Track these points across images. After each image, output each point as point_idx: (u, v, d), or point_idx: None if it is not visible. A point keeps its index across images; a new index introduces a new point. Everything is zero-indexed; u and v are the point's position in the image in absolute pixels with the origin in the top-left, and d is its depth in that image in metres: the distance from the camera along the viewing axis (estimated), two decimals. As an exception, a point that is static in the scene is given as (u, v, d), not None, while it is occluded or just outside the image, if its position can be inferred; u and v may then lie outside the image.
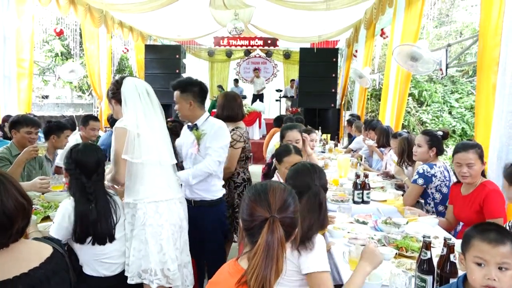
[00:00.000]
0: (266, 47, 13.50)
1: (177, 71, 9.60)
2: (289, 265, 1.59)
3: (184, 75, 10.20)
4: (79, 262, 2.19)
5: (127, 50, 10.20)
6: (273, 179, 2.89)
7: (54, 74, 8.39)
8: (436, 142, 3.27)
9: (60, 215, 2.11)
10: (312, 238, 1.64)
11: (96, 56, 8.22)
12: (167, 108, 9.78)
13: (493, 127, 2.87)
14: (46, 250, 1.34)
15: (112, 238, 2.18)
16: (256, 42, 12.21)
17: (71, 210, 2.10)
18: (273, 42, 12.21)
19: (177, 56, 9.66)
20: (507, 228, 2.22)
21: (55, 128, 3.78)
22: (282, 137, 3.51)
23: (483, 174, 2.68)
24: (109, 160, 4.77)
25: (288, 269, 1.55)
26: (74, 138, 4.48)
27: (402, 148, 3.83)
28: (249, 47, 13.68)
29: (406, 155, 3.79)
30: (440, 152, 3.29)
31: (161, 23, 9.18)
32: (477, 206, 2.57)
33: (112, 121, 5.34)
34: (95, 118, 4.70)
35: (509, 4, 2.70)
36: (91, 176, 2.14)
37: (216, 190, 2.88)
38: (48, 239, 1.45)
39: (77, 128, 5.17)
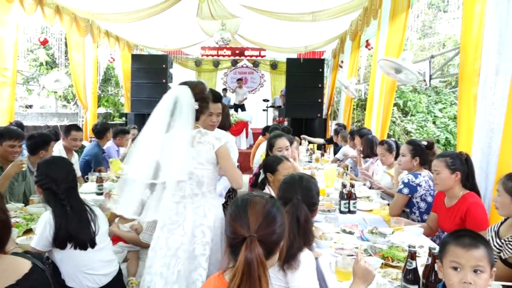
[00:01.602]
0: (253, 57, 13.62)
1: (164, 80, 9.57)
2: (278, 284, 1.58)
3: (171, 85, 10.18)
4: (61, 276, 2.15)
5: (113, 60, 10.14)
6: (265, 191, 2.91)
7: (39, 83, 8.28)
8: (419, 151, 3.33)
9: (41, 226, 2.12)
10: (297, 256, 1.61)
11: (81, 65, 8.14)
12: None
13: (474, 137, 2.92)
14: (24, 266, 1.30)
15: (93, 244, 2.18)
16: (242, 52, 12.28)
17: (50, 218, 2.11)
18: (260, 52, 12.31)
19: (164, 65, 9.64)
20: (491, 235, 2.26)
21: (41, 143, 3.71)
22: (270, 146, 3.53)
23: (467, 187, 2.69)
24: (94, 171, 4.71)
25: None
26: (58, 148, 4.42)
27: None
28: (236, 57, 13.76)
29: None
30: (424, 161, 3.34)
31: (148, 33, 9.16)
32: (458, 220, 2.60)
33: (97, 131, 5.29)
34: (78, 128, 4.62)
35: (489, 18, 2.78)
36: (60, 184, 2.19)
37: None
38: (28, 254, 1.42)
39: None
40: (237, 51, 13.04)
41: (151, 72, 9.55)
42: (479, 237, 1.51)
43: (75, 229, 2.13)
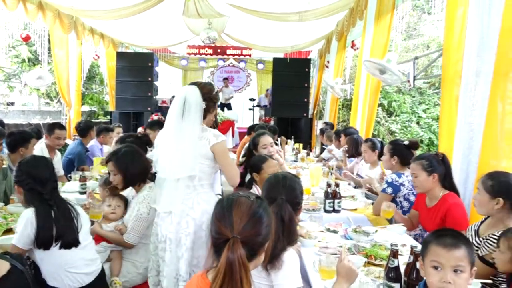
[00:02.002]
0: (240, 56, 13.59)
1: (149, 79, 9.50)
2: (262, 283, 1.58)
3: (157, 83, 10.11)
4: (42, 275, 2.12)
5: (98, 57, 10.02)
6: (251, 191, 2.92)
7: (21, 80, 8.12)
8: (398, 151, 3.38)
9: (22, 224, 2.08)
10: (281, 255, 1.62)
11: (65, 62, 8.02)
12: (139, 116, 9.66)
13: (455, 138, 2.97)
14: (2, 267, 1.28)
15: (77, 243, 2.17)
16: (229, 51, 12.25)
17: (32, 217, 2.07)
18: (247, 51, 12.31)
19: (149, 64, 9.57)
20: (471, 234, 2.31)
21: (21, 140, 3.65)
22: (255, 144, 3.54)
23: (446, 186, 2.73)
24: (77, 169, 4.65)
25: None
26: (40, 147, 4.34)
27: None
28: (223, 56, 13.72)
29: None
30: (404, 161, 3.38)
31: (133, 30, 9.08)
32: (439, 220, 2.64)
33: (80, 129, 5.22)
34: (61, 127, 4.54)
35: (471, 21, 2.84)
36: (45, 185, 2.15)
37: None
38: (7, 255, 1.39)
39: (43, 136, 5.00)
40: (223, 50, 13.01)
41: (136, 70, 9.47)
42: (461, 236, 1.54)
43: (62, 229, 2.11)
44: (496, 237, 2.01)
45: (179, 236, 2.26)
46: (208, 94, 2.39)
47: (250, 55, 13.31)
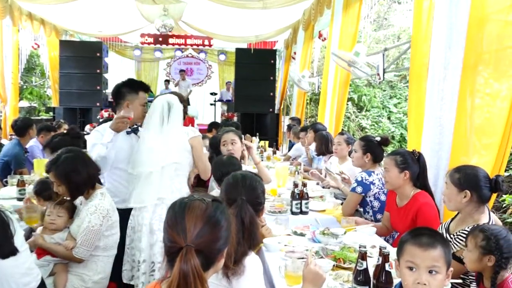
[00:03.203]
0: (199, 47, 13.48)
1: (98, 71, 9.28)
2: None
3: (106, 76, 9.86)
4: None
5: (38, 46, 9.66)
6: (213, 192, 2.91)
7: None
8: (371, 147, 3.47)
9: None
10: (242, 260, 1.63)
11: (-1, 52, 7.68)
12: (86, 113, 9.40)
13: (424, 133, 3.09)
14: None
15: (15, 251, 2.09)
16: (188, 41, 12.14)
17: None
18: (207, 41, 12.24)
19: (98, 54, 9.35)
20: (442, 232, 2.41)
21: None
22: (216, 142, 3.59)
23: (418, 186, 2.83)
24: (15, 173, 4.47)
25: None
26: (-30, 147, 4.14)
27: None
28: (181, 46, 13.57)
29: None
30: (376, 158, 3.49)
31: (79, 16, 8.80)
32: (410, 221, 2.73)
33: (17, 128, 5.01)
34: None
35: (438, 10, 2.96)
36: None
37: None
38: None
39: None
40: (181, 40, 12.87)
41: (83, 61, 9.24)
42: (437, 235, 1.60)
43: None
44: (466, 232, 2.11)
45: (153, 222, 2.72)
46: (182, 98, 3.11)
47: (210, 45, 13.24)
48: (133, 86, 3.11)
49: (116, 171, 3.02)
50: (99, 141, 2.88)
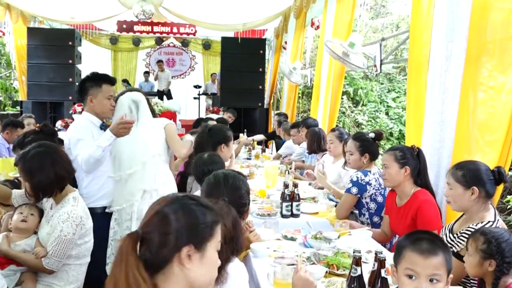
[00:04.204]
0: (182, 35, 13.40)
1: (70, 61, 9.15)
2: None
3: (80, 67, 9.76)
4: None
5: (3, 34, 9.55)
6: (197, 193, 2.90)
7: None
8: (368, 147, 3.48)
9: None
10: (225, 267, 1.63)
11: (-41, 40, 7.56)
12: (58, 107, 9.29)
13: (424, 129, 3.11)
14: None
15: None
16: (169, 29, 12.07)
17: None
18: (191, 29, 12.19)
19: (70, 42, 9.20)
20: (445, 233, 2.43)
21: None
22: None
23: (418, 183, 2.87)
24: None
25: None
26: None
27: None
28: (162, 35, 13.48)
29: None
30: (374, 156, 3.51)
31: (49, 1, 8.70)
32: (410, 220, 2.77)
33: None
34: None
35: (440, -3, 2.98)
36: None
37: None
38: None
39: None
40: (162, 27, 12.78)
41: (54, 51, 9.10)
42: (438, 240, 1.61)
43: None
44: (472, 229, 2.13)
45: (142, 207, 3.05)
46: (145, 93, 3.46)
47: (194, 34, 13.18)
48: (95, 79, 3.20)
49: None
50: (87, 138, 3.01)
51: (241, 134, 7.59)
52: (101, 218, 3.11)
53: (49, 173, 2.48)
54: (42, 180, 2.47)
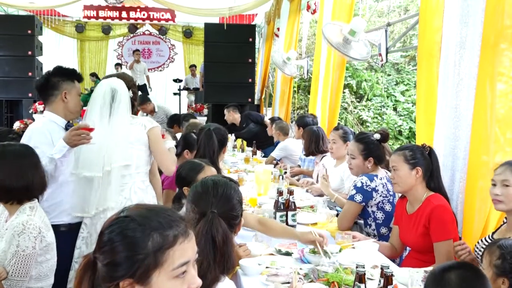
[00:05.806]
0: (160, 22, 13.38)
1: (30, 52, 9.12)
2: None
3: (41, 59, 9.71)
4: None
5: (-49, 21, 9.46)
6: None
7: None
8: (372, 150, 3.48)
9: None
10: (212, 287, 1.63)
11: None
12: (15, 106, 9.23)
13: (436, 127, 3.14)
14: None
15: None
16: (144, 15, 12.05)
17: None
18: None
19: (30, 31, 9.17)
20: (484, 242, 2.42)
21: None
22: None
23: (431, 186, 2.89)
24: None
25: None
26: None
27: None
28: (137, 21, 13.45)
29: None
30: (379, 160, 3.52)
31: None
32: (422, 228, 2.78)
33: None
34: None
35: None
36: None
37: None
38: None
39: None
40: (136, 13, 12.75)
41: (10, 40, 9.09)
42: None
43: None
44: None
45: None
46: (131, 82, 3.18)
47: (173, 20, 13.17)
48: (68, 74, 3.10)
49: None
50: (44, 145, 2.82)
51: (229, 135, 7.59)
52: (64, 235, 2.97)
53: (5, 176, 2.48)
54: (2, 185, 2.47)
